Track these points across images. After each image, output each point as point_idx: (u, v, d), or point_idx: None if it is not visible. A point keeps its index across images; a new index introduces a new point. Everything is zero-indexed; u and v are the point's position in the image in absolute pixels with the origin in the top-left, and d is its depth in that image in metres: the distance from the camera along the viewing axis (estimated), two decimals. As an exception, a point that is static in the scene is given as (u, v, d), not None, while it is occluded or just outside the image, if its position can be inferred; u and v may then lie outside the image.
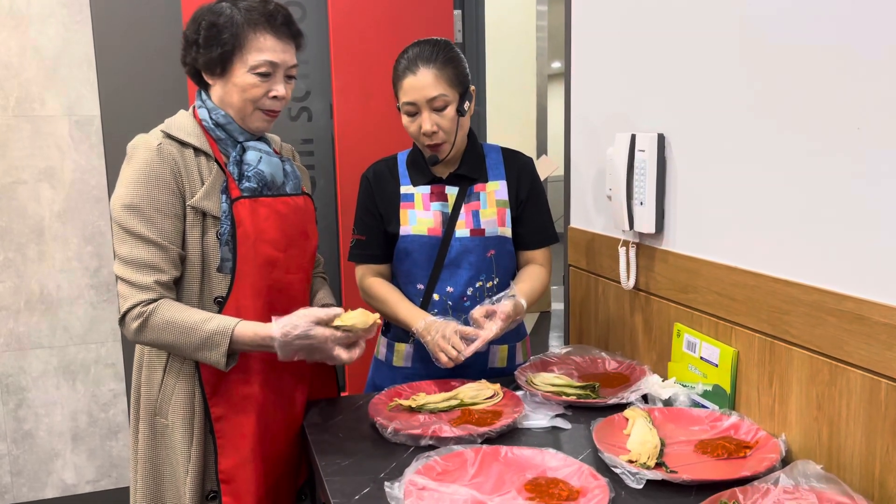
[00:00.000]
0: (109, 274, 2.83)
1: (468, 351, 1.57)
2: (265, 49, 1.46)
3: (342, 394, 1.93)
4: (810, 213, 1.25)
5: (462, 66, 1.70)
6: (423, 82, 1.65)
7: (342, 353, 1.42)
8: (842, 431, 1.21)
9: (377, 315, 1.45)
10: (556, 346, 5.40)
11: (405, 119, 1.71)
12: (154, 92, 2.69)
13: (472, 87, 1.73)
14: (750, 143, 1.39)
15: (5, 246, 2.71)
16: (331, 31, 2.69)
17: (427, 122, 1.66)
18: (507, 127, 5.67)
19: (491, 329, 1.57)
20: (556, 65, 10.61)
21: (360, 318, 1.42)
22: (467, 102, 1.70)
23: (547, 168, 4.80)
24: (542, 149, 6.31)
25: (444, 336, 1.59)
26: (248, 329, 1.39)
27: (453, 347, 1.57)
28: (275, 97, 1.50)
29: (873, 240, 1.13)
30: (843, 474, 1.21)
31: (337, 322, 1.41)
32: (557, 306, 6.05)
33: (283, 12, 1.50)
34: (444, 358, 1.58)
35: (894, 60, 1.08)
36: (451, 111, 1.67)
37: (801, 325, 1.27)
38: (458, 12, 2.90)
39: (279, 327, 1.37)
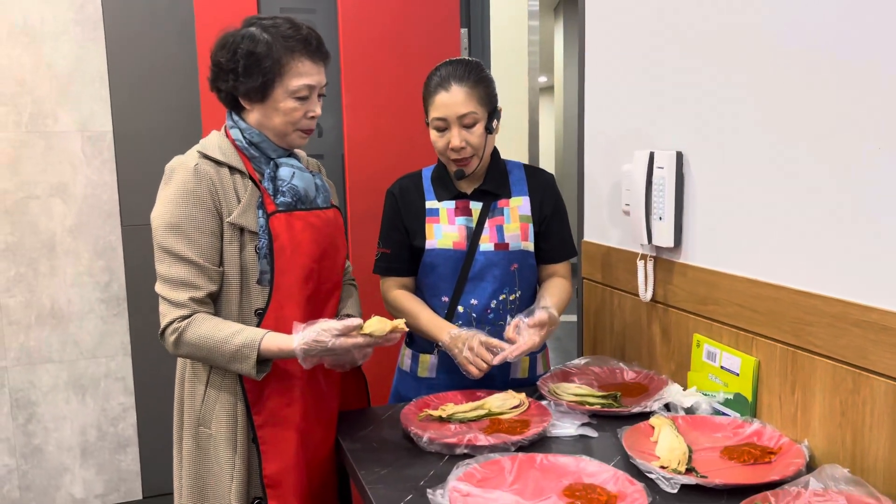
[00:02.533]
0: (120, 288, 2.85)
1: (497, 360, 1.61)
2: (304, 74, 1.52)
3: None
4: (831, 227, 1.32)
5: (492, 86, 1.76)
6: (455, 99, 1.70)
7: (359, 357, 1.51)
8: (865, 437, 1.27)
9: (397, 322, 1.48)
10: (553, 357, 5.44)
11: (434, 134, 1.76)
12: (166, 108, 2.73)
13: (500, 107, 1.79)
14: (769, 161, 1.45)
15: (17, 260, 2.72)
16: (341, 49, 2.74)
17: (456, 137, 1.71)
18: (500, 141, 5.73)
19: (533, 339, 1.61)
20: (543, 79, 10.75)
21: (377, 325, 1.47)
22: (495, 121, 1.76)
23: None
24: (533, 162, 6.39)
25: (472, 348, 1.64)
26: (273, 344, 1.44)
27: (482, 360, 1.62)
28: (312, 117, 1.56)
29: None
30: (868, 478, 1.26)
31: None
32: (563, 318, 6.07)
33: (315, 35, 1.56)
34: (474, 371, 1.63)
35: (916, 85, 1.15)
36: (479, 128, 1.72)
37: (825, 335, 1.33)
38: (464, 30, 2.97)
39: (300, 342, 1.42)
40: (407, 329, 1.50)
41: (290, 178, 1.56)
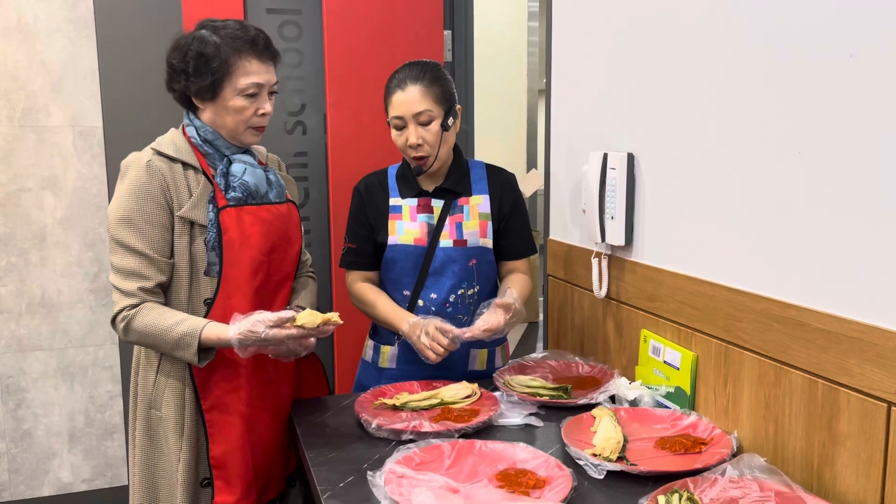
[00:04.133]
0: (108, 279, 2.93)
1: (465, 336, 1.69)
2: (251, 73, 1.59)
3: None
4: (760, 229, 1.37)
5: (448, 85, 1.82)
6: (411, 98, 1.77)
7: (298, 348, 1.56)
8: (785, 428, 1.33)
9: (329, 315, 1.54)
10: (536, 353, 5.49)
11: (394, 132, 1.83)
12: (154, 104, 2.80)
13: (458, 107, 1.85)
14: (708, 165, 1.51)
15: (9, 251, 2.81)
16: (326, 48, 2.81)
17: (413, 135, 1.78)
18: (497, 141, 5.79)
19: (498, 319, 1.69)
20: (549, 80, 10.77)
21: (309, 318, 1.53)
22: (451, 119, 1.82)
23: (536, 182, 4.90)
24: (531, 163, 6.44)
25: (428, 333, 1.71)
26: (213, 333, 1.52)
27: (439, 344, 1.69)
28: (263, 114, 1.63)
29: (813, 254, 1.25)
30: (787, 467, 1.32)
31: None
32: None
33: (262, 36, 1.63)
34: (431, 355, 1.70)
35: (834, 95, 1.20)
36: (435, 126, 1.79)
37: (752, 331, 1.39)
38: (447, 32, 3.03)
39: (235, 332, 1.48)
40: (341, 322, 1.55)
41: (242, 174, 1.64)
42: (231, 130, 1.63)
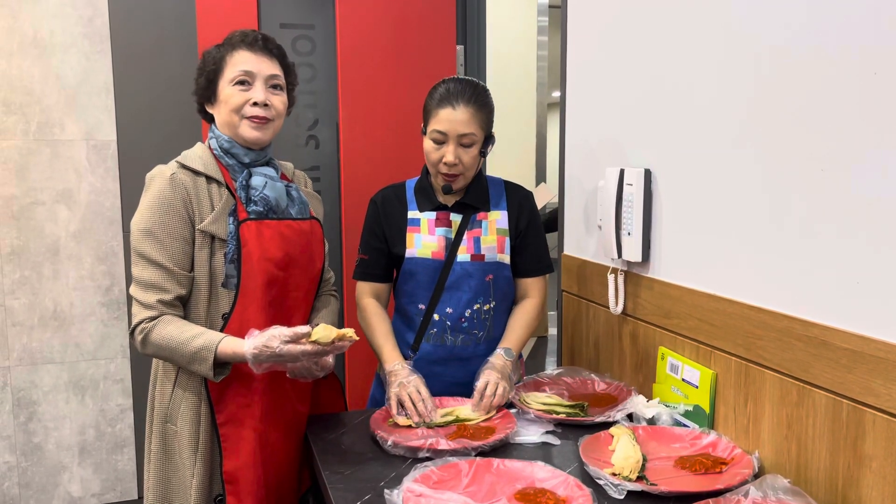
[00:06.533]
0: (121, 292, 2.94)
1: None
2: (239, 62, 1.61)
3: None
4: (781, 247, 1.36)
5: (492, 112, 1.85)
6: (460, 118, 1.76)
7: (313, 366, 1.57)
8: (808, 448, 1.31)
9: (345, 330, 1.51)
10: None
11: (429, 145, 1.81)
12: (168, 119, 2.82)
13: (493, 133, 1.86)
14: (727, 181, 1.50)
15: (22, 264, 2.81)
16: (339, 63, 2.82)
17: (451, 154, 1.77)
18: (507, 155, 5.80)
19: (501, 393, 1.72)
20: (556, 94, 10.80)
21: (323, 333, 1.49)
22: (490, 145, 1.84)
23: (545, 196, 4.89)
24: (541, 176, 6.44)
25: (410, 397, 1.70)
26: (229, 347, 1.50)
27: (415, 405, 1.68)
28: (255, 103, 1.61)
29: (836, 272, 1.24)
30: (810, 488, 1.30)
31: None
32: (554, 331, 6.14)
33: (260, 35, 1.65)
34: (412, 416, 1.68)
35: (857, 113, 1.19)
36: (475, 150, 1.79)
37: (773, 349, 1.38)
38: (460, 47, 3.04)
39: (250, 346, 1.47)
40: (356, 339, 1.52)
41: (262, 188, 1.64)
42: (229, 125, 1.63)
